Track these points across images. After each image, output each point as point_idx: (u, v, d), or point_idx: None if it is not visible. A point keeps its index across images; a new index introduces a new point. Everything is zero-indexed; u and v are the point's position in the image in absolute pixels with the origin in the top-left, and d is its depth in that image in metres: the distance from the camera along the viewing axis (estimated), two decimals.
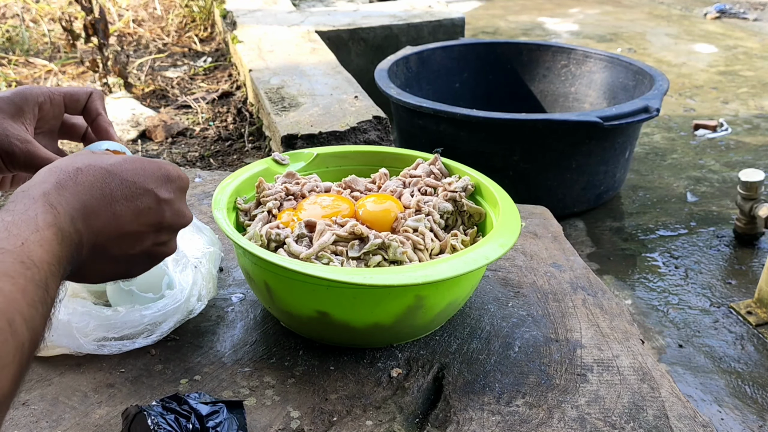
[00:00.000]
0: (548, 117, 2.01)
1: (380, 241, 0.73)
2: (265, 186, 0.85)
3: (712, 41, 4.09)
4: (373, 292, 0.69)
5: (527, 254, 0.94)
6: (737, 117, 2.99)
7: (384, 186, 0.87)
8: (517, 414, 0.66)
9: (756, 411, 1.44)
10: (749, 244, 2.05)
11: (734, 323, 1.71)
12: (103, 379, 0.70)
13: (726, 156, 2.64)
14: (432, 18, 2.69)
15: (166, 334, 0.74)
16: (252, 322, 0.80)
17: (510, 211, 0.78)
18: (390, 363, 0.73)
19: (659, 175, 2.50)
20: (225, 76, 2.54)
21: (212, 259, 0.84)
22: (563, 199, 2.16)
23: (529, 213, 1.05)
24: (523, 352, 0.75)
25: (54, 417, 0.65)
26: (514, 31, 4.37)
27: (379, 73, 2.25)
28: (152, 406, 0.58)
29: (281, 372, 0.72)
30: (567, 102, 2.59)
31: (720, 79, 3.45)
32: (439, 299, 0.72)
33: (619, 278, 1.91)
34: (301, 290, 0.72)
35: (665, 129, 2.88)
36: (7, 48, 2.86)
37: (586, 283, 0.88)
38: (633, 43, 4.07)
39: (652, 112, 1.98)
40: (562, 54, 2.59)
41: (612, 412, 0.67)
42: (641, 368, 0.73)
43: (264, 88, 1.86)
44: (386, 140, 1.59)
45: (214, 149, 1.99)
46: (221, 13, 2.86)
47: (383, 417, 0.66)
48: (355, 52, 2.59)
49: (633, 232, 2.15)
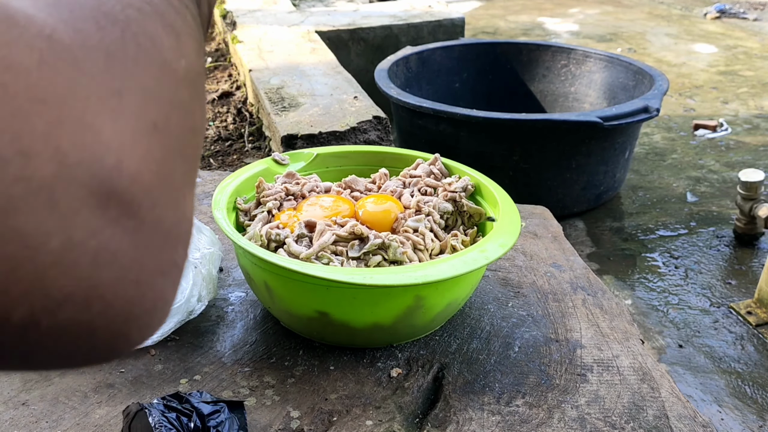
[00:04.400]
0: (548, 117, 2.01)
1: (380, 241, 0.73)
2: (265, 186, 0.85)
3: (712, 41, 4.09)
4: (372, 292, 0.70)
5: (527, 254, 0.94)
6: (737, 117, 2.99)
7: (384, 186, 0.87)
8: (517, 414, 0.66)
9: (756, 411, 1.44)
10: (749, 244, 2.05)
11: (734, 323, 1.71)
12: (103, 379, 0.70)
13: (726, 156, 2.64)
14: (432, 18, 2.69)
15: (167, 334, 0.74)
16: (252, 322, 0.80)
17: (510, 211, 0.78)
18: (390, 363, 0.73)
19: (659, 175, 2.50)
20: (225, 76, 2.54)
21: (212, 260, 0.84)
22: (563, 199, 2.16)
23: (529, 213, 1.05)
24: (523, 352, 0.75)
25: (54, 417, 0.65)
26: (514, 31, 4.37)
27: (379, 73, 2.25)
28: (154, 404, 0.58)
29: (281, 372, 0.72)
30: (567, 102, 2.59)
31: (720, 79, 3.45)
32: (439, 299, 0.72)
33: (619, 278, 1.92)
34: (301, 290, 0.72)
35: (665, 129, 2.88)
36: None
37: (586, 283, 0.88)
38: (633, 43, 4.07)
39: (652, 112, 1.98)
40: (562, 54, 2.59)
41: (612, 412, 0.67)
42: (641, 368, 0.73)
43: (264, 88, 1.86)
44: (386, 140, 1.59)
45: (214, 149, 1.99)
46: (221, 13, 2.86)
47: (383, 417, 0.66)
48: (355, 52, 2.59)
49: (633, 232, 2.15)
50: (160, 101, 0.24)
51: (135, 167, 0.21)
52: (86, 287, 0.20)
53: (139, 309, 0.22)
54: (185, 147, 0.25)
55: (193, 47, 0.29)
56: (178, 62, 0.26)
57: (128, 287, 0.21)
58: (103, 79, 0.22)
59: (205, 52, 0.33)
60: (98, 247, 0.20)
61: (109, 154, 0.21)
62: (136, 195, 0.21)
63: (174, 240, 0.23)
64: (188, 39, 0.28)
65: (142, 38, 0.24)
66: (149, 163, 0.22)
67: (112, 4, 0.24)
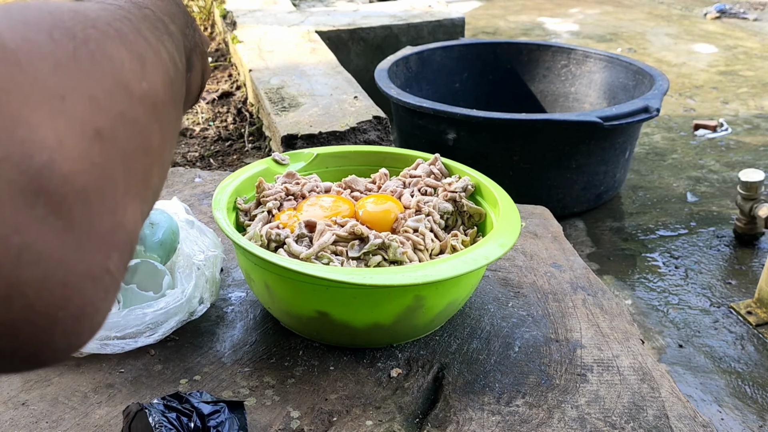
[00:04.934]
0: (548, 117, 2.01)
1: (380, 241, 0.73)
2: (265, 186, 0.85)
3: (712, 41, 4.09)
4: (372, 292, 0.70)
5: (527, 254, 0.94)
6: (737, 117, 2.99)
7: (384, 186, 0.87)
8: (517, 414, 0.66)
9: (756, 411, 1.44)
10: (749, 244, 2.05)
11: (734, 323, 1.71)
12: (103, 379, 0.70)
13: (726, 156, 2.64)
14: (432, 18, 2.69)
15: (168, 333, 0.74)
16: (252, 322, 0.80)
17: (510, 211, 0.78)
18: (390, 363, 0.73)
19: (659, 175, 2.50)
20: (225, 76, 2.54)
21: (215, 263, 0.84)
22: (563, 199, 2.16)
23: (529, 213, 1.05)
24: (523, 352, 0.75)
25: (54, 417, 0.65)
26: (514, 31, 4.37)
27: (379, 73, 2.25)
28: (154, 404, 0.58)
29: (281, 372, 0.72)
30: (567, 102, 2.59)
31: (720, 79, 3.45)
32: (439, 299, 0.72)
33: (619, 278, 1.91)
34: (301, 290, 0.72)
35: (665, 129, 2.88)
36: None
37: (586, 283, 0.88)
38: (633, 43, 4.07)
39: (652, 112, 1.98)
40: (562, 54, 2.59)
41: (612, 412, 0.67)
42: (641, 368, 0.73)
43: (264, 88, 1.86)
44: (386, 140, 1.59)
45: (214, 149, 1.99)
46: (221, 13, 2.86)
47: (383, 417, 0.66)
48: (355, 52, 2.59)
49: (633, 232, 2.15)
50: (109, 112, 0.24)
51: (69, 168, 0.21)
52: (7, 285, 0.20)
53: (64, 313, 0.21)
54: (132, 161, 0.25)
55: (163, 80, 0.30)
56: (138, 83, 0.27)
57: (53, 288, 0.21)
58: (47, 83, 0.22)
59: (183, 99, 0.35)
60: (22, 245, 0.20)
61: (42, 152, 0.20)
62: (67, 195, 0.21)
63: (107, 246, 0.23)
64: (156, 70, 0.29)
65: (99, 55, 0.25)
66: (86, 166, 0.22)
67: (73, 23, 0.25)
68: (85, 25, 0.25)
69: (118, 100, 0.25)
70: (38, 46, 0.23)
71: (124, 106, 0.25)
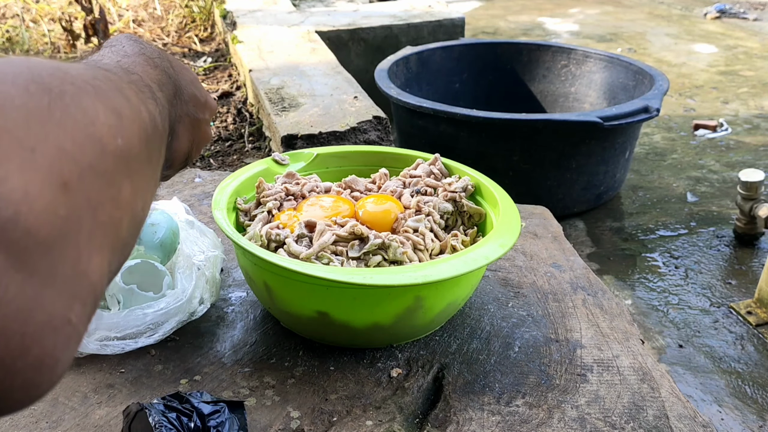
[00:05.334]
0: (548, 117, 2.01)
1: (380, 241, 0.73)
2: (265, 186, 0.85)
3: (712, 41, 4.09)
4: (373, 293, 0.70)
5: (527, 254, 0.94)
6: (737, 117, 2.99)
7: (384, 186, 0.87)
8: (517, 414, 0.66)
9: (756, 411, 1.44)
10: (749, 244, 2.05)
11: (734, 323, 1.71)
12: (103, 379, 0.70)
13: (726, 156, 2.64)
14: (432, 18, 2.69)
15: (168, 333, 0.74)
16: (252, 322, 0.80)
17: (510, 211, 0.78)
18: (390, 363, 0.73)
19: (659, 175, 2.50)
20: (225, 76, 2.54)
21: (216, 263, 0.84)
22: (563, 199, 2.16)
23: (529, 213, 1.05)
24: (523, 352, 0.75)
25: (54, 417, 0.65)
26: (514, 31, 4.37)
27: (379, 74, 2.25)
28: (154, 404, 0.58)
29: (281, 372, 0.72)
30: (567, 102, 2.59)
31: (720, 79, 3.45)
32: (439, 299, 0.73)
33: (619, 278, 1.92)
34: (301, 290, 0.72)
35: (665, 129, 2.88)
36: (7, 48, 2.86)
37: (586, 283, 0.88)
38: (633, 43, 4.07)
39: (652, 112, 1.98)
40: (562, 54, 2.59)
41: (612, 412, 0.67)
42: (641, 368, 0.73)
43: (264, 89, 1.86)
44: (386, 140, 1.59)
45: (214, 149, 1.99)
46: (221, 13, 2.86)
47: (383, 417, 0.66)
48: (355, 53, 2.59)
49: (633, 232, 2.15)
50: (78, 164, 0.24)
51: (33, 220, 0.21)
52: None
53: (23, 363, 0.21)
54: (100, 213, 0.25)
55: (140, 136, 0.30)
56: (113, 138, 0.27)
57: (11, 338, 0.21)
58: (19, 134, 0.22)
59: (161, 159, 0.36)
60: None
61: (8, 206, 0.21)
62: (28, 246, 0.21)
63: (69, 296, 0.23)
64: (133, 126, 0.30)
65: (74, 108, 0.25)
66: (50, 218, 0.22)
67: (51, 78, 0.26)
68: (63, 81, 0.26)
69: (88, 153, 0.25)
70: (11, 98, 0.23)
71: (93, 159, 0.25)
